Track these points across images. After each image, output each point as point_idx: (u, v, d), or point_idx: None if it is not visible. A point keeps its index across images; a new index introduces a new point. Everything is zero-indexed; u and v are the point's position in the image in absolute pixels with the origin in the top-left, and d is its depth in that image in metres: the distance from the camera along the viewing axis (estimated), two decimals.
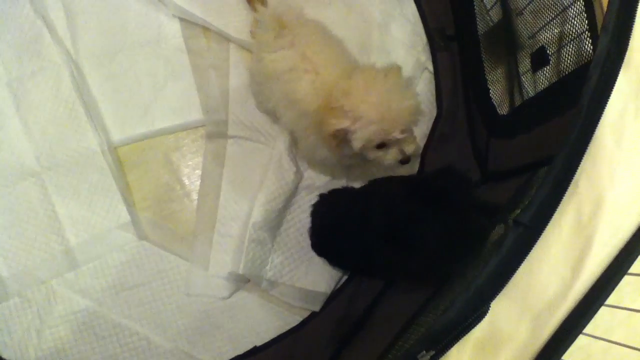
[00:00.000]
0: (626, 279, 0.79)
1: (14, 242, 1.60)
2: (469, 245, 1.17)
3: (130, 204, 1.67)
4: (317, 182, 1.68)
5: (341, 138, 1.26)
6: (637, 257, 0.76)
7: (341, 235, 1.42)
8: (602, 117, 0.79)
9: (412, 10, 1.83)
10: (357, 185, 1.64)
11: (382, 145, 1.29)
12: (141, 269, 1.63)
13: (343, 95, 1.22)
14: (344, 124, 1.22)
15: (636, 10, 0.79)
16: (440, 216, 1.25)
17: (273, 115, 1.61)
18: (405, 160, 1.32)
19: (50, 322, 1.57)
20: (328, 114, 1.24)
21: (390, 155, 1.31)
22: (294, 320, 1.65)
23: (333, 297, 1.66)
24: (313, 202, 1.57)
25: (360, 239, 1.35)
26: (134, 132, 1.72)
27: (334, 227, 1.45)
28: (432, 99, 1.77)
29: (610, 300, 0.79)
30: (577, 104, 0.79)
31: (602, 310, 0.79)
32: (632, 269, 0.78)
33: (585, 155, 0.78)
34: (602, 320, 0.84)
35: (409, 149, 1.29)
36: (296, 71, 1.33)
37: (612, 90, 0.78)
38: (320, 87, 1.30)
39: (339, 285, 1.66)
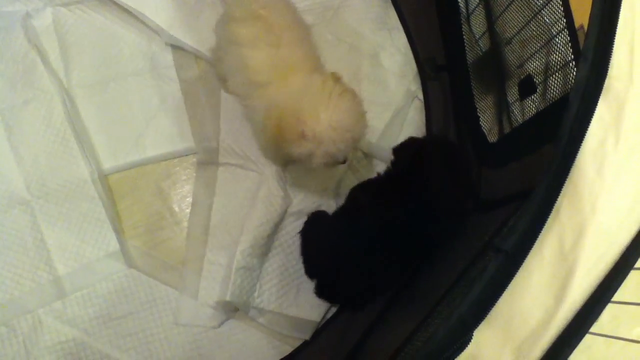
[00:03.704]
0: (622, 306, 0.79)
1: (2, 271, 1.59)
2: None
3: (119, 233, 1.66)
4: (306, 208, 1.67)
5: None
6: (620, 284, 0.76)
7: (330, 258, 1.45)
8: (582, 146, 0.79)
9: (402, 40, 1.86)
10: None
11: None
12: (130, 298, 1.62)
13: (298, 119, 1.24)
14: (306, 147, 1.26)
15: (614, 39, 0.80)
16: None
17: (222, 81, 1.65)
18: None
19: (36, 352, 1.54)
20: (286, 141, 1.27)
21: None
22: (285, 349, 1.63)
23: (325, 327, 1.64)
24: (301, 228, 1.60)
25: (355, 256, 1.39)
26: (125, 160, 1.73)
27: (321, 250, 1.48)
28: (423, 127, 1.78)
29: (605, 329, 0.78)
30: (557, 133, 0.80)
31: (596, 341, 0.78)
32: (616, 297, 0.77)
33: (566, 184, 0.78)
34: (597, 351, 0.83)
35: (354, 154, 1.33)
36: (259, 40, 1.35)
37: (591, 119, 0.79)
38: (277, 63, 1.33)
39: (329, 315, 1.64)
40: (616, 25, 0.80)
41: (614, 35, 0.80)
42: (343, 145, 1.27)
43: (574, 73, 1.10)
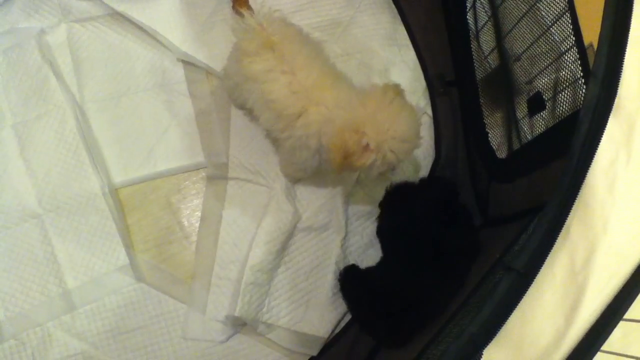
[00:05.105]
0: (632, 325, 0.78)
1: (13, 284, 1.60)
2: None
3: (129, 246, 1.67)
4: (315, 224, 1.68)
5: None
6: (631, 303, 0.75)
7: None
8: (593, 163, 0.79)
9: (411, 56, 1.86)
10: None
11: None
12: (139, 312, 1.62)
13: (358, 132, 1.24)
14: (370, 158, 1.27)
15: (624, 58, 0.80)
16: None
17: (250, 113, 1.62)
18: None
19: None
20: (350, 154, 1.26)
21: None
22: None
23: (333, 344, 1.64)
24: (312, 243, 1.65)
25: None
26: (135, 174, 1.74)
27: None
28: (432, 142, 1.78)
29: (615, 347, 0.77)
30: (568, 151, 0.80)
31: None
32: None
33: (577, 202, 0.78)
34: None
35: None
36: (273, 72, 1.33)
37: (602, 137, 0.79)
38: (297, 89, 1.32)
39: (337, 331, 1.64)
40: (626, 45, 0.81)
41: (624, 55, 0.80)
42: (401, 155, 1.29)
43: (584, 90, 1.11)
